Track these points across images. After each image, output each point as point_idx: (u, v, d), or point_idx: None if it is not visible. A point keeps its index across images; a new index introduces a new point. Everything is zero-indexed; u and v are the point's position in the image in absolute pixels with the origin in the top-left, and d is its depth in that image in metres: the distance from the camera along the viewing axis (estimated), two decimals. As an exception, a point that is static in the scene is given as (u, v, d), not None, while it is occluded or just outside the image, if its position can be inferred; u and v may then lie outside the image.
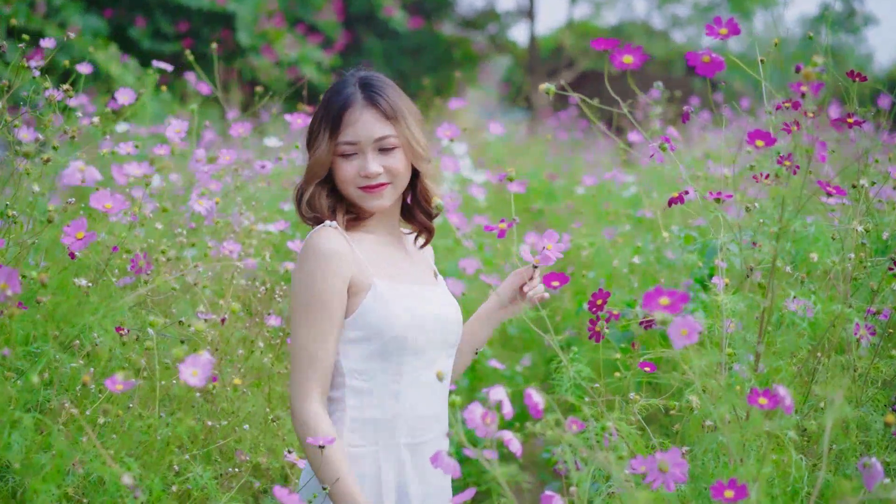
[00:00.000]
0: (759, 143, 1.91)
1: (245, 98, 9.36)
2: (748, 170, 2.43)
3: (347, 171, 2.30)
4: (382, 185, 2.31)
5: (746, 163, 2.62)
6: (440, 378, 1.84)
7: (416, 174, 2.39)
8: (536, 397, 1.76)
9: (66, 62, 2.86)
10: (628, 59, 1.88)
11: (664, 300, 1.64)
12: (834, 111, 3.61)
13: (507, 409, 1.77)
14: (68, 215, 2.46)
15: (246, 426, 2.64)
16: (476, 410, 1.77)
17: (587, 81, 15.72)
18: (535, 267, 2.31)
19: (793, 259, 2.40)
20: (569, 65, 17.62)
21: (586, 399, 2.23)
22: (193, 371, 1.66)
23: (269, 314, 2.86)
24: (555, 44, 18.91)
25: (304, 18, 12.54)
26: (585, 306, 2.67)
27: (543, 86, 2.00)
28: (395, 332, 2.25)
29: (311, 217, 2.34)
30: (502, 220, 2.17)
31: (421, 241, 2.45)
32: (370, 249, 2.34)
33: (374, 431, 2.27)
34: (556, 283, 2.22)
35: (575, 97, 2.11)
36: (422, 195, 2.42)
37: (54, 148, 2.18)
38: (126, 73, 8.88)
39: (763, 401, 1.75)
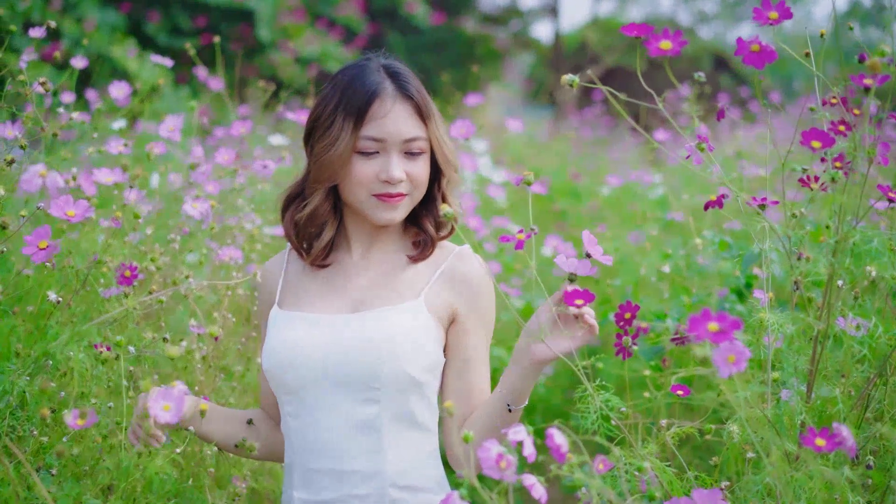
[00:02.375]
0: (816, 143, 1.67)
1: (263, 94, 9.16)
2: (794, 171, 2.19)
3: (365, 172, 1.96)
4: (401, 195, 1.98)
5: (780, 162, 2.38)
6: (449, 412, 1.59)
7: (433, 181, 2.06)
8: (559, 438, 1.53)
9: (58, 55, 2.66)
10: (666, 44, 1.63)
11: (713, 326, 1.40)
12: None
13: (529, 451, 1.54)
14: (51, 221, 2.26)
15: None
16: (492, 449, 1.55)
17: (612, 78, 15.42)
18: (572, 280, 1.86)
19: (847, 272, 2.16)
20: (593, 61, 17.34)
21: (613, 422, 2.00)
22: (165, 405, 1.44)
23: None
24: (579, 40, 18.63)
25: (324, 13, 12.33)
26: (612, 318, 2.46)
27: (566, 77, 1.75)
28: (266, 366, 2.01)
29: (304, 234, 2.05)
30: (520, 230, 1.87)
31: (407, 256, 2.06)
32: (311, 271, 2.08)
33: (286, 476, 2.06)
34: (579, 302, 1.88)
35: (603, 90, 1.88)
36: (438, 204, 2.06)
37: (22, 147, 1.97)
38: (142, 68, 8.70)
39: (821, 442, 1.51)
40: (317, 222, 2.04)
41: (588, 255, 1.85)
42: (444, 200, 2.08)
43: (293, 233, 2.07)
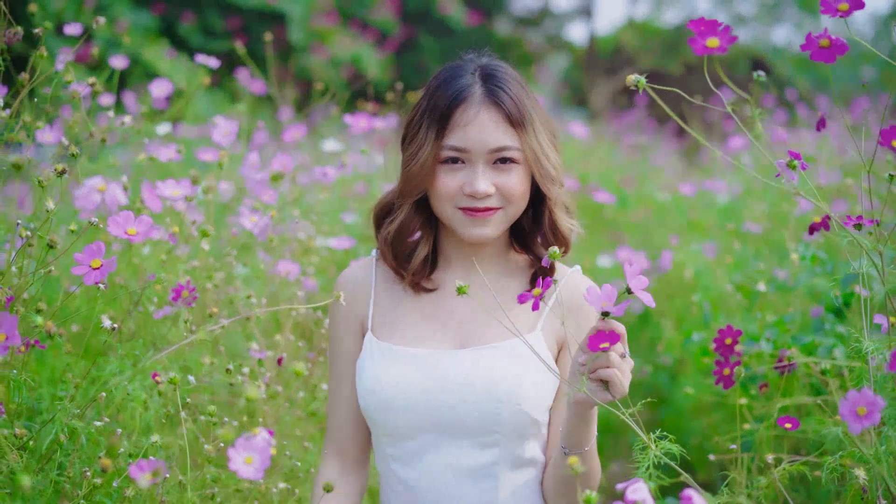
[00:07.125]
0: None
1: (299, 98, 8.98)
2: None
3: (448, 185, 1.78)
4: (491, 209, 1.78)
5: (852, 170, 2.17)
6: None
7: (540, 197, 1.87)
8: (699, 500, 1.32)
9: (96, 52, 2.47)
10: (713, 42, 1.49)
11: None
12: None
13: (653, 512, 1.33)
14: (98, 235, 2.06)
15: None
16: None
17: (649, 81, 15.16)
18: (605, 315, 1.53)
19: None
20: (628, 64, 17.09)
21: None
22: (247, 458, 1.24)
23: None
24: (614, 43, 18.39)
25: (357, 15, 12.18)
26: (695, 338, 2.22)
27: (632, 77, 1.54)
28: (362, 404, 1.80)
29: (398, 253, 1.85)
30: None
31: (515, 284, 1.87)
32: (407, 294, 1.86)
33: None
34: (605, 345, 1.52)
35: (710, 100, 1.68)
36: (549, 226, 1.87)
37: (73, 155, 1.77)
38: (176, 70, 8.56)
39: None
40: (406, 239, 1.86)
41: (629, 291, 1.50)
42: (553, 221, 1.88)
43: (389, 253, 1.88)
